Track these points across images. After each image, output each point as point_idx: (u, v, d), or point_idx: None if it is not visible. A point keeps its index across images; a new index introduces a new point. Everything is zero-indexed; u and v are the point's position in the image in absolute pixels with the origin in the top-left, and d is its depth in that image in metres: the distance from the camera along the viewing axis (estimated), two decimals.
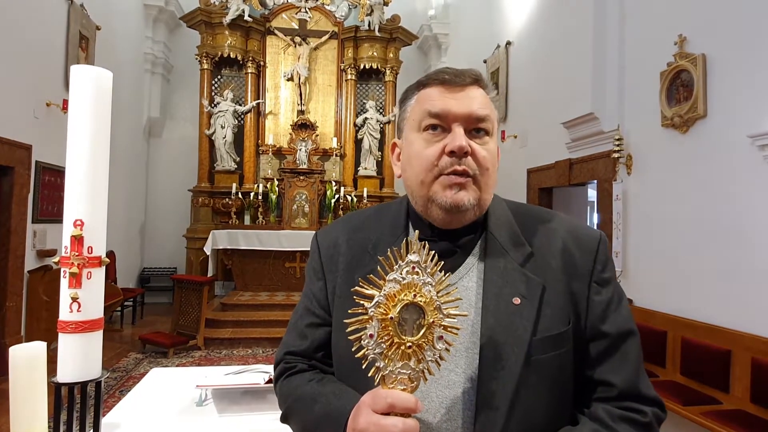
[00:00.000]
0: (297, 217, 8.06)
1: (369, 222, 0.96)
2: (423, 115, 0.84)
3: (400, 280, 0.68)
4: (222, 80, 8.55)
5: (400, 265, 0.68)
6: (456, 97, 0.82)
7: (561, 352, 0.80)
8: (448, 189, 0.81)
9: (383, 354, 0.67)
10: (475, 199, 0.82)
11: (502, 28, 7.14)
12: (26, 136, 5.01)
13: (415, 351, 0.67)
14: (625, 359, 0.82)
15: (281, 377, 0.95)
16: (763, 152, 3.05)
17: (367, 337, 0.67)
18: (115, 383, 4.55)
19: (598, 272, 0.85)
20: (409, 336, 0.67)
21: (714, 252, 3.41)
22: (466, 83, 0.83)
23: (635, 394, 0.80)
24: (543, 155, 5.91)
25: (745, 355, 3.07)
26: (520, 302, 0.81)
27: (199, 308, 5.85)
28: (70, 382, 0.88)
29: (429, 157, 0.82)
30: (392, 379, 0.68)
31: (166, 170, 9.21)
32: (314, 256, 0.98)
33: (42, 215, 5.37)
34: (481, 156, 0.82)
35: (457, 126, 0.82)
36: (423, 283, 0.68)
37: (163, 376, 1.92)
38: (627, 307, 0.87)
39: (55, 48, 5.55)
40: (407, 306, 0.67)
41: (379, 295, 0.68)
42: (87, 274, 0.88)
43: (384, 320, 0.67)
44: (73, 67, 0.91)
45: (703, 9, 3.59)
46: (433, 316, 0.67)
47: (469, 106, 0.82)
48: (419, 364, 0.68)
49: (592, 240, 0.88)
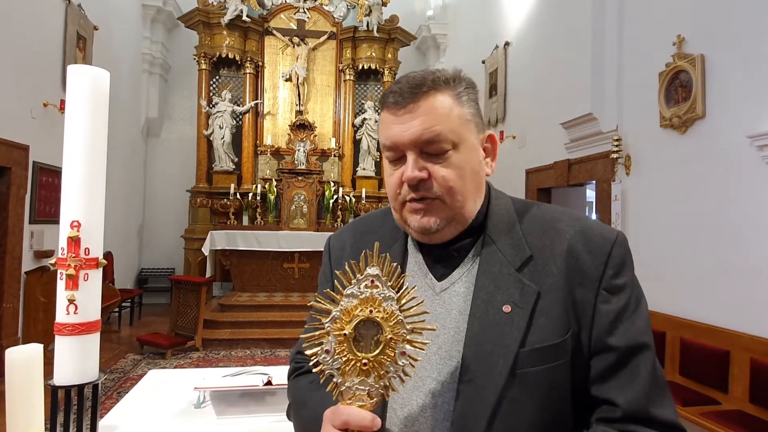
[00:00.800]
0: (295, 218, 8.05)
1: (375, 225, 0.96)
2: (382, 145, 0.83)
3: (357, 294, 0.66)
4: (220, 80, 8.53)
5: (359, 279, 0.66)
6: (402, 122, 0.77)
7: (554, 366, 0.74)
8: (414, 213, 0.80)
9: (341, 369, 0.66)
10: (445, 219, 0.79)
11: (500, 29, 7.14)
12: (23, 137, 4.99)
13: (375, 367, 0.65)
14: (634, 377, 0.73)
15: (291, 376, 0.99)
16: (762, 152, 3.05)
17: (323, 353, 0.66)
18: (112, 385, 4.53)
19: (609, 278, 0.77)
20: (366, 352, 0.65)
21: (713, 252, 3.41)
22: (411, 101, 0.77)
23: (643, 417, 0.71)
24: (542, 156, 5.92)
25: (744, 355, 3.07)
26: (510, 310, 0.76)
27: (198, 309, 5.83)
28: (67, 385, 0.87)
29: (392, 186, 0.82)
30: (350, 395, 0.66)
31: (164, 171, 9.19)
32: (325, 260, 0.99)
33: (39, 216, 5.35)
34: (440, 177, 0.77)
35: (410, 153, 0.77)
36: (383, 297, 0.66)
37: (161, 377, 1.91)
38: (645, 318, 0.78)
39: (53, 48, 5.53)
40: (363, 321, 0.65)
41: (336, 310, 0.66)
42: (84, 275, 0.87)
43: (339, 336, 0.65)
44: (70, 66, 0.90)
45: (702, 10, 3.60)
46: (391, 332, 0.65)
47: (415, 131, 0.76)
48: (380, 380, 0.66)
49: (605, 242, 0.79)
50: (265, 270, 7.50)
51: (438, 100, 0.77)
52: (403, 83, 0.79)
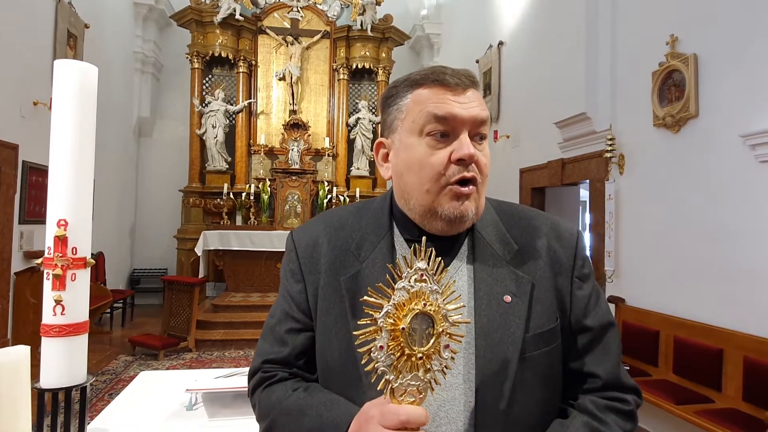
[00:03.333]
0: (289, 218, 8.02)
1: (350, 220, 0.92)
2: (426, 119, 0.79)
3: (408, 288, 0.66)
4: (213, 79, 8.48)
5: (408, 273, 0.66)
6: (459, 101, 0.79)
7: (551, 348, 0.81)
8: (455, 200, 0.79)
9: (393, 366, 0.66)
10: (476, 209, 0.82)
11: (494, 29, 7.15)
12: (13, 136, 4.93)
13: (425, 361, 0.66)
14: (608, 351, 0.85)
15: (259, 387, 0.89)
16: (755, 152, 3.06)
17: (376, 349, 0.65)
18: (104, 387, 4.48)
19: (579, 267, 0.87)
20: (419, 346, 0.66)
21: (706, 251, 3.42)
22: (466, 85, 0.81)
23: (618, 384, 0.83)
24: (535, 155, 5.92)
25: (737, 353, 3.08)
26: (511, 300, 0.81)
27: (190, 310, 5.79)
28: (54, 388, 0.85)
29: (435, 165, 0.79)
30: (402, 391, 0.66)
31: (157, 170, 9.12)
32: (291, 256, 0.93)
33: (29, 216, 5.29)
34: (482, 163, 0.81)
35: (464, 132, 0.79)
36: (430, 291, 0.66)
37: (153, 379, 1.89)
38: (605, 300, 0.90)
39: (43, 46, 5.46)
40: (417, 315, 0.66)
41: (389, 305, 0.65)
42: (71, 275, 0.85)
43: (394, 331, 0.65)
44: (57, 61, 0.88)
45: (695, 9, 3.61)
46: (441, 325, 0.66)
47: (474, 110, 0.79)
48: (426, 375, 0.67)
49: (571, 236, 0.89)
50: (259, 270, 7.46)
51: (480, 95, 0.84)
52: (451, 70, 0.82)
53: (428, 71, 0.82)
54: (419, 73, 0.83)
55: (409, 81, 0.83)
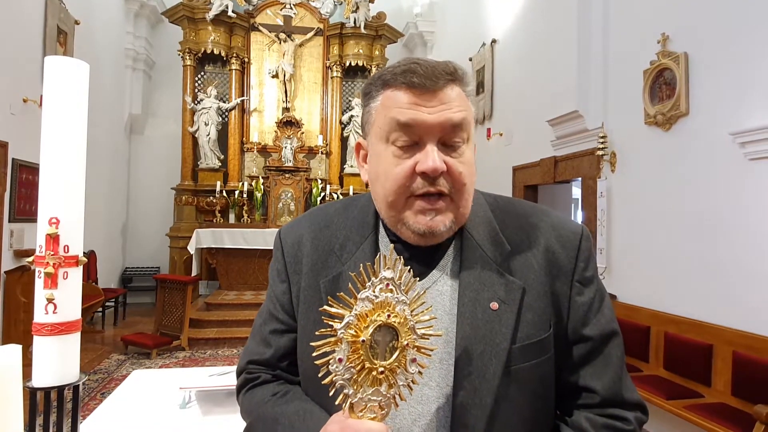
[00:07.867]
0: (282, 216, 8.00)
1: (336, 219, 0.87)
2: (390, 126, 0.72)
3: (372, 298, 0.61)
4: (205, 77, 8.43)
5: (373, 282, 0.62)
6: (428, 104, 0.71)
7: (541, 360, 0.75)
8: (421, 214, 0.72)
9: (352, 379, 0.62)
10: (452, 221, 0.74)
11: (487, 26, 7.16)
12: (2, 133, 4.87)
13: (387, 376, 0.62)
14: (608, 363, 0.77)
15: (243, 389, 0.88)
16: (744, 149, 3.10)
17: (335, 362, 0.61)
18: (96, 386, 4.46)
19: (581, 270, 0.79)
20: (381, 360, 0.62)
21: (696, 248, 3.46)
22: (438, 86, 0.71)
23: (618, 400, 0.76)
24: (528, 153, 5.95)
25: (726, 349, 3.12)
26: (498, 307, 0.74)
27: (183, 308, 5.76)
28: (46, 387, 0.84)
29: (398, 177, 0.72)
30: (362, 407, 0.62)
31: (149, 168, 9.05)
32: (278, 255, 0.90)
33: (19, 214, 5.24)
34: (456, 173, 0.72)
35: (430, 141, 0.71)
36: (397, 301, 0.62)
37: (146, 378, 1.88)
38: (610, 306, 0.81)
39: (32, 42, 5.40)
40: (380, 327, 0.61)
41: (350, 315, 0.61)
42: (63, 274, 0.85)
43: (355, 343, 0.61)
44: (47, 58, 0.87)
45: (686, 8, 3.64)
46: (407, 338, 0.62)
47: (445, 114, 0.71)
48: (390, 390, 0.62)
49: (575, 235, 0.80)
50: (252, 268, 7.44)
51: (460, 92, 0.74)
52: (423, 67, 0.72)
53: (400, 69, 0.73)
54: (393, 69, 0.74)
55: (381, 79, 0.75)
